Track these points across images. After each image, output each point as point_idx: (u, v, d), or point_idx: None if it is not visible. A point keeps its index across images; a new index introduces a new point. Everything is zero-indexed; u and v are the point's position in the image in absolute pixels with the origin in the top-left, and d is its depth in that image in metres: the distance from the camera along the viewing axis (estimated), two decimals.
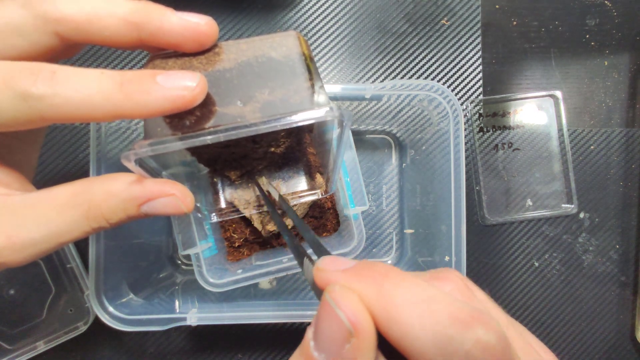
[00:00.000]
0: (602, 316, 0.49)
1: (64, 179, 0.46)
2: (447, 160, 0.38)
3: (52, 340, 0.43)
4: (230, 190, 0.36)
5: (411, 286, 0.15)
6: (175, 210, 0.21)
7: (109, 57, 0.47)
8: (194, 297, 0.43)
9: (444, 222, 0.39)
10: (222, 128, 0.20)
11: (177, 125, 0.21)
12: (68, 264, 0.45)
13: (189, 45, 0.21)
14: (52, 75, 0.17)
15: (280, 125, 0.20)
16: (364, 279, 0.15)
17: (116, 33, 0.19)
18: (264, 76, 0.22)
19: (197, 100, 0.19)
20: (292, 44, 0.22)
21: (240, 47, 0.22)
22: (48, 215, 0.19)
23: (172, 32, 0.20)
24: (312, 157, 0.38)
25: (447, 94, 0.37)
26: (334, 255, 0.18)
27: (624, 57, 0.50)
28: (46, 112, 0.17)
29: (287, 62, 0.22)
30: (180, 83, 0.18)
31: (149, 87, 0.18)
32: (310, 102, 0.21)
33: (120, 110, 0.18)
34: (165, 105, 0.18)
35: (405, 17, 0.48)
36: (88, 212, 0.20)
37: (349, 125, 0.23)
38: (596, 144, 0.50)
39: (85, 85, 0.18)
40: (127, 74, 0.18)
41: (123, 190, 0.20)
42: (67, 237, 0.20)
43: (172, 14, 0.20)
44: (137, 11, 0.19)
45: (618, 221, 0.50)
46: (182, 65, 0.21)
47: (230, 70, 0.22)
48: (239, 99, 0.21)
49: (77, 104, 0.17)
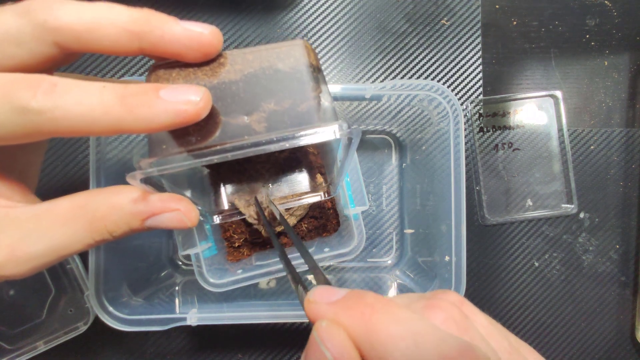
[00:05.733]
0: (602, 316, 0.49)
1: (64, 181, 0.46)
2: (447, 160, 0.38)
3: (52, 341, 0.43)
4: (232, 192, 0.36)
5: (399, 320, 0.15)
6: (180, 224, 0.21)
7: (111, 62, 0.46)
8: (194, 297, 0.43)
9: (444, 222, 0.39)
10: (230, 146, 0.20)
11: (182, 141, 0.20)
12: (68, 264, 0.45)
13: (193, 55, 0.20)
14: (52, 88, 0.17)
15: (289, 145, 0.20)
16: (352, 313, 0.15)
17: (116, 42, 0.19)
18: (270, 88, 0.21)
19: (201, 114, 0.19)
20: (299, 54, 0.22)
21: (246, 58, 0.22)
22: (51, 228, 0.19)
23: (174, 42, 0.19)
24: (313, 157, 0.38)
25: (447, 94, 0.37)
26: (325, 287, 0.18)
27: (624, 57, 0.50)
28: (45, 126, 0.17)
29: (295, 74, 0.22)
30: (184, 97, 0.18)
31: (152, 101, 0.18)
32: (318, 115, 0.21)
33: (121, 124, 0.17)
34: (168, 120, 0.18)
35: (405, 17, 0.48)
36: (91, 226, 0.19)
37: (357, 142, 0.22)
38: (596, 144, 0.50)
39: (86, 98, 0.17)
40: (130, 87, 0.18)
41: (127, 205, 0.20)
42: (69, 250, 0.20)
43: (175, 24, 0.19)
44: (138, 20, 0.19)
45: (618, 221, 0.50)
46: (186, 77, 0.21)
47: (236, 82, 0.21)
48: (245, 112, 0.21)
49: (78, 118, 0.17)
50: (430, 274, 0.42)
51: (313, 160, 0.38)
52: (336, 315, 0.16)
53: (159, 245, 0.46)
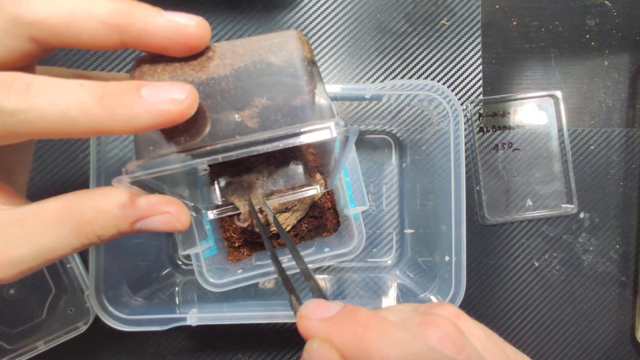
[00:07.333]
0: (602, 316, 0.49)
1: (64, 181, 0.46)
2: (447, 160, 0.38)
3: (52, 340, 0.43)
4: (226, 186, 0.35)
5: (394, 341, 0.15)
6: (170, 227, 0.20)
7: (93, 55, 0.47)
8: (194, 297, 0.43)
9: (444, 222, 0.39)
10: (220, 147, 0.19)
11: (170, 141, 0.19)
12: (68, 263, 0.45)
13: (178, 49, 0.19)
14: (26, 87, 0.16)
15: (283, 145, 0.19)
16: (345, 331, 0.15)
17: (95, 36, 0.17)
18: (262, 83, 0.20)
19: (187, 114, 0.17)
20: (292, 46, 0.21)
21: (236, 51, 0.20)
22: (36, 231, 0.18)
23: (157, 35, 0.18)
24: (312, 156, 0.38)
25: (447, 94, 0.37)
26: (318, 301, 0.17)
27: (624, 57, 0.50)
28: (19, 127, 0.16)
29: (288, 68, 0.20)
30: (167, 96, 0.17)
31: (132, 101, 0.16)
32: (312, 111, 0.20)
33: (100, 126, 0.16)
34: (150, 121, 0.17)
35: (405, 17, 0.48)
36: (78, 229, 0.19)
37: (353, 139, 0.22)
38: (596, 144, 0.50)
39: (62, 99, 0.16)
40: (109, 85, 0.17)
41: (114, 208, 0.19)
42: (56, 254, 0.19)
43: (158, 15, 0.18)
44: (118, 12, 0.17)
45: (618, 221, 0.50)
46: (172, 72, 0.20)
47: (226, 77, 0.20)
48: (236, 108, 0.20)
49: (54, 119, 0.16)
50: (430, 274, 0.42)
51: (312, 160, 0.38)
52: (328, 334, 0.15)
53: (159, 243, 0.46)
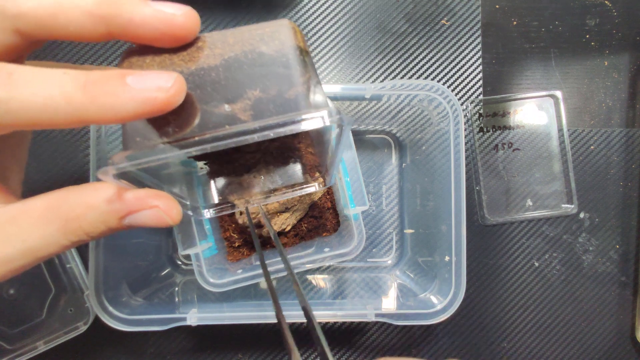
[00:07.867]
0: (602, 316, 0.49)
1: (64, 179, 0.46)
2: (447, 160, 0.38)
3: (52, 340, 0.43)
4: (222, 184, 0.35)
5: None
6: (160, 222, 0.19)
7: (82, 49, 0.47)
8: (194, 297, 0.43)
9: (444, 222, 0.39)
10: (209, 137, 0.19)
11: (158, 132, 0.19)
12: (68, 264, 0.45)
13: (166, 40, 0.18)
14: (8, 77, 0.16)
15: (274, 134, 0.19)
16: None
17: (82, 28, 0.17)
18: (254, 74, 0.20)
19: (174, 102, 0.17)
20: (285, 36, 0.20)
21: (227, 41, 0.20)
22: (23, 230, 0.18)
23: (145, 25, 0.18)
24: (311, 156, 0.38)
25: (447, 94, 0.37)
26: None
27: (624, 57, 0.50)
28: (3, 118, 0.16)
29: (280, 57, 0.20)
30: (153, 84, 0.17)
31: (117, 89, 0.16)
32: (306, 102, 0.20)
33: (84, 115, 0.16)
34: (136, 109, 0.16)
35: (405, 17, 0.48)
36: (66, 227, 0.18)
37: (348, 128, 0.21)
38: (596, 144, 0.50)
39: (45, 88, 0.16)
40: (93, 74, 0.16)
41: (102, 203, 0.18)
42: (44, 252, 0.18)
43: (145, 5, 0.17)
44: (104, 2, 0.17)
45: (618, 221, 0.50)
46: (161, 63, 0.19)
47: (216, 68, 0.20)
48: (227, 99, 0.20)
49: (36, 109, 0.16)
50: (430, 274, 0.42)
51: (311, 160, 0.38)
52: None
53: (159, 243, 0.46)
